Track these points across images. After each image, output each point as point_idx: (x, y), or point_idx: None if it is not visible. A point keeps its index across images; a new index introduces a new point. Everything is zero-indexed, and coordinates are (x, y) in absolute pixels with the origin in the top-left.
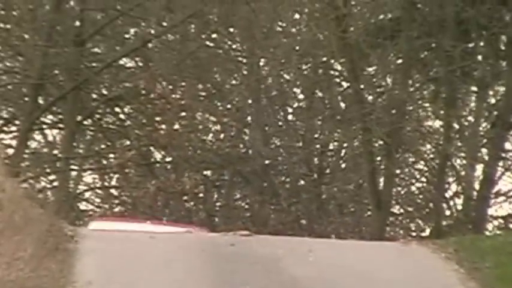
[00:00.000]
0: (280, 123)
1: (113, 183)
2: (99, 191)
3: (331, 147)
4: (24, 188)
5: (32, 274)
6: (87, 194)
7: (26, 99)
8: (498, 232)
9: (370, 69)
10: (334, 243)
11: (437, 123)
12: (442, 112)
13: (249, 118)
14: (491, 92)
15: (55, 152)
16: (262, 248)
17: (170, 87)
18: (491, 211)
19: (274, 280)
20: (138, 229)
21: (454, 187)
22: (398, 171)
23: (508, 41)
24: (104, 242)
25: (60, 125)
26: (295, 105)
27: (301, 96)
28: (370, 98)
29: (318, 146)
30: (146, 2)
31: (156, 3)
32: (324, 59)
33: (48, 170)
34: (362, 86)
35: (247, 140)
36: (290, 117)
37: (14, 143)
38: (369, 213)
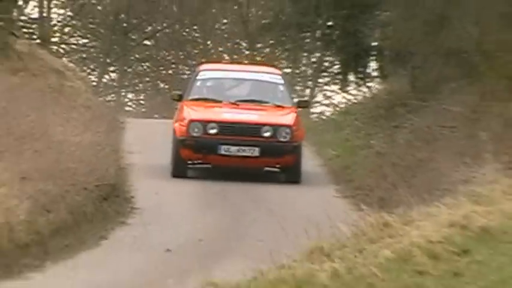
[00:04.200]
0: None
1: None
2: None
3: None
4: (101, 99)
5: (105, 138)
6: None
7: None
8: None
9: (258, 45)
10: None
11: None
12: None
13: None
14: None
15: (115, 84)
16: None
17: None
18: None
19: None
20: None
21: None
22: None
23: (321, 33)
24: (137, 125)
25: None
26: None
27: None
28: None
29: None
30: None
31: None
32: (237, 40)
33: (111, 92)
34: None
35: None
36: None
37: (93, 78)
38: None
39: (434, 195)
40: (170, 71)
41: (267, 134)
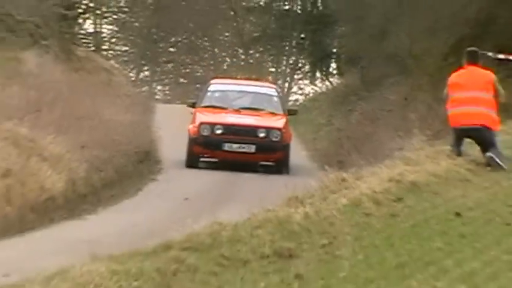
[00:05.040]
0: None
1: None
2: (162, 93)
3: None
4: (138, 90)
5: (141, 118)
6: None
7: None
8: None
9: (240, 50)
10: None
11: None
12: None
13: None
14: None
15: (147, 79)
16: None
17: None
18: None
19: None
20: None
21: None
22: None
23: (296, 42)
24: (163, 109)
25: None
26: None
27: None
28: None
29: None
30: None
31: None
32: (235, 48)
33: (145, 85)
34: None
35: None
36: None
37: (132, 75)
38: None
39: (377, 159)
40: (187, 70)
41: (261, 135)
